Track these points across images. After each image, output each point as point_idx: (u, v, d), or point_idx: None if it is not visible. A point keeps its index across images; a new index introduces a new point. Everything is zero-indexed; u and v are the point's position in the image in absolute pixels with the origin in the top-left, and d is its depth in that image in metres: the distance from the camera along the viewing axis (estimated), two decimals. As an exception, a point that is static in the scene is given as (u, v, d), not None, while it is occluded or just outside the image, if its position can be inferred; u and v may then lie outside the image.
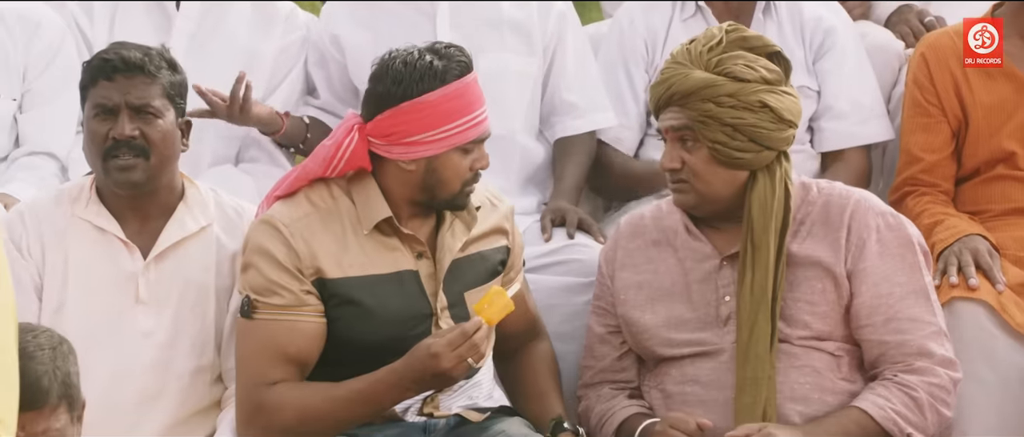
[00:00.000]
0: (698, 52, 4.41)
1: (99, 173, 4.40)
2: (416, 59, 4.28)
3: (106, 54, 4.41)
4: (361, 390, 4.28)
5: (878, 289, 4.41)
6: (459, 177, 4.32)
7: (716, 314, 4.44)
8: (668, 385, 4.46)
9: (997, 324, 4.77)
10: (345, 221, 4.34)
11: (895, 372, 4.37)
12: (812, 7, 5.46)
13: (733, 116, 4.35)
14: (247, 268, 4.33)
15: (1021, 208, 5.14)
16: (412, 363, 4.21)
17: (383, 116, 4.29)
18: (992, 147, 5.17)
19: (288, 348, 4.29)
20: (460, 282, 4.39)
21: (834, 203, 4.47)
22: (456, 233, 4.40)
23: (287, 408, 4.27)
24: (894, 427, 4.31)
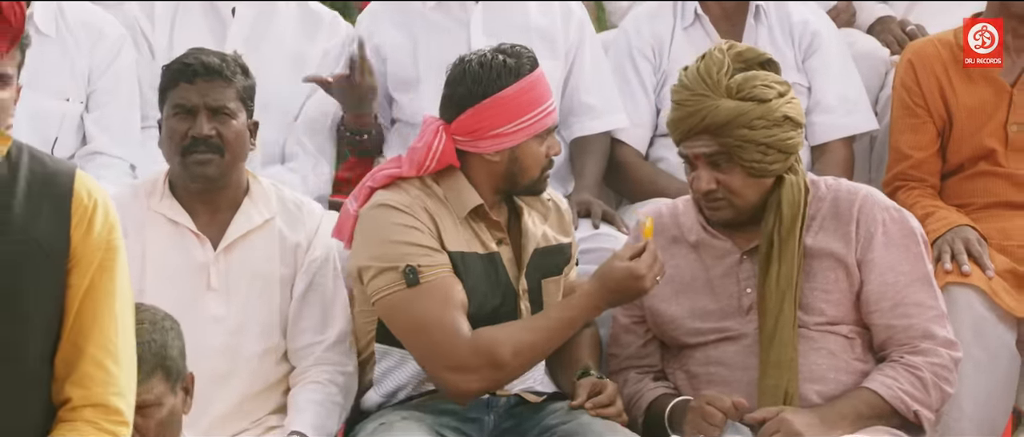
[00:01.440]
0: (715, 80, 4.38)
1: (177, 168, 4.45)
2: (490, 60, 4.35)
3: (187, 59, 4.47)
4: (560, 317, 4.35)
5: (885, 277, 4.44)
6: (538, 163, 4.40)
7: (738, 304, 4.47)
8: (692, 366, 4.50)
9: (988, 306, 4.85)
10: (441, 207, 4.39)
11: (902, 353, 4.41)
12: (799, 11, 5.50)
13: (766, 135, 4.36)
14: (380, 245, 4.32)
15: (1002, 201, 5.19)
16: (611, 284, 4.29)
17: (466, 114, 4.36)
18: (974, 145, 5.22)
19: (461, 299, 4.32)
20: (540, 270, 4.47)
21: (843, 199, 4.51)
22: (536, 222, 4.48)
23: (501, 344, 4.28)
24: (901, 405, 4.36)
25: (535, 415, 4.40)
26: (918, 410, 4.38)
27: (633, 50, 5.45)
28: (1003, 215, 5.17)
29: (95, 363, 3.12)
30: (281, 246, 4.52)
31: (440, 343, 4.30)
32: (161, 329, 3.83)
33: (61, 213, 3.13)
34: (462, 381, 4.29)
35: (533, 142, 4.38)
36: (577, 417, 4.35)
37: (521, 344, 4.30)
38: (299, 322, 4.49)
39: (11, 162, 3.13)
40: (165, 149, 4.50)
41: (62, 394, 3.13)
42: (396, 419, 4.31)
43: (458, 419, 4.36)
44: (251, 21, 5.31)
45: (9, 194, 3.11)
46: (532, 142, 4.38)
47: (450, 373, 4.29)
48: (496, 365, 4.29)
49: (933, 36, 5.39)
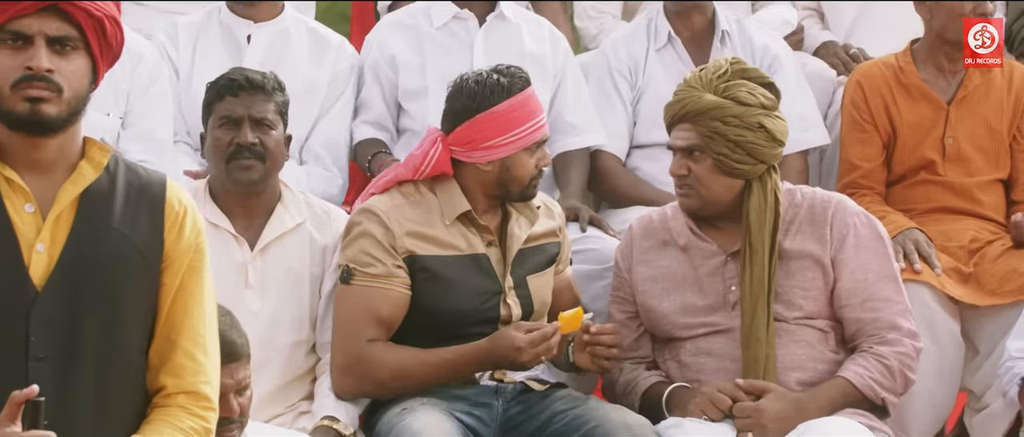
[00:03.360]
0: (709, 79, 4.51)
1: (221, 173, 4.48)
2: (485, 78, 4.44)
3: (232, 75, 4.52)
4: (448, 360, 4.40)
5: (855, 275, 4.52)
6: (528, 173, 4.46)
7: (724, 300, 4.53)
8: (683, 356, 4.56)
9: (937, 301, 4.93)
10: (432, 211, 4.45)
11: (871, 344, 4.48)
12: (759, 37, 5.55)
13: (736, 134, 4.46)
14: (348, 245, 4.43)
15: (941, 206, 5.27)
16: (496, 348, 4.34)
17: (462, 127, 4.43)
18: (916, 156, 5.29)
19: (379, 311, 4.39)
20: (524, 268, 4.51)
21: (818, 205, 4.58)
22: (522, 226, 4.52)
23: (384, 364, 4.37)
24: (871, 392, 4.44)
25: (541, 401, 4.45)
26: (885, 397, 4.46)
27: (612, 69, 5.50)
28: (943, 219, 5.25)
29: (186, 354, 3.15)
30: (311, 248, 4.55)
31: (339, 341, 4.42)
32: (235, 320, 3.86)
33: (156, 219, 3.15)
34: (339, 381, 4.41)
35: (523, 154, 4.45)
36: (585, 402, 4.41)
37: (404, 371, 4.38)
38: (326, 318, 4.53)
39: (110, 172, 3.16)
40: (210, 157, 4.53)
41: (156, 382, 3.15)
42: (416, 404, 4.35)
43: (469, 404, 4.41)
44: (265, 47, 5.31)
45: (110, 202, 3.12)
46: (522, 154, 4.44)
47: (335, 370, 4.42)
48: (373, 381, 4.39)
49: (878, 59, 5.47)
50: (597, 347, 4.42)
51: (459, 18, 5.38)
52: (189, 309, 3.17)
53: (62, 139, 3.11)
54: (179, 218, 3.17)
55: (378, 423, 4.39)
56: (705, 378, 4.49)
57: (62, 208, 3.09)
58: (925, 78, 5.33)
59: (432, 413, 4.30)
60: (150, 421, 3.13)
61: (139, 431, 3.12)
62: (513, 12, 5.43)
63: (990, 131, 5.32)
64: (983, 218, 5.30)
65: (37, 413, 2.90)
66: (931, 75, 5.34)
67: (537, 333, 4.32)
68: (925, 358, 4.80)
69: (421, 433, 4.20)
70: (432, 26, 5.38)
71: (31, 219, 3.08)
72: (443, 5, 5.39)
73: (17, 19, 3.05)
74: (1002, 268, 5.08)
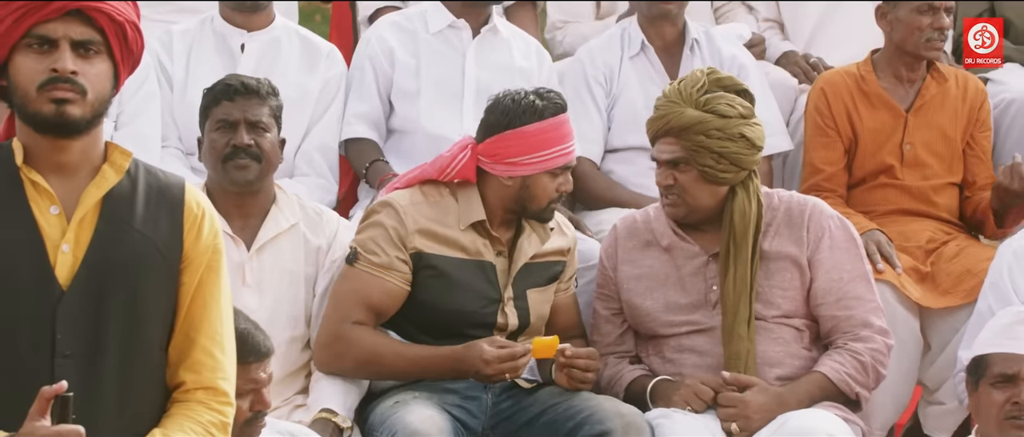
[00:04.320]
0: (688, 93, 4.47)
1: (218, 174, 4.44)
2: (521, 98, 4.40)
3: (229, 81, 4.48)
4: (422, 357, 4.38)
5: (830, 275, 4.52)
6: (547, 195, 4.42)
7: (706, 299, 4.52)
8: (667, 353, 4.55)
9: (898, 299, 4.95)
10: (448, 214, 4.42)
11: (845, 341, 4.49)
12: (727, 47, 5.55)
13: (720, 146, 4.44)
14: (362, 230, 4.41)
15: (900, 209, 5.30)
16: (465, 356, 4.32)
17: (491, 140, 4.41)
18: (876, 161, 5.31)
19: (372, 298, 4.37)
20: (526, 281, 4.49)
21: (795, 209, 4.58)
22: (532, 243, 4.49)
23: (359, 346, 4.35)
24: (846, 387, 4.45)
25: (530, 396, 4.44)
26: (859, 391, 4.47)
27: (588, 76, 5.48)
28: (901, 220, 5.27)
29: (205, 351, 3.11)
30: (305, 248, 4.52)
31: (327, 316, 4.42)
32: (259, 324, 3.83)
33: (175, 220, 3.10)
34: (318, 353, 4.41)
35: (545, 176, 4.41)
36: (576, 394, 4.39)
37: (378, 358, 4.37)
38: (321, 315, 4.48)
39: (131, 176, 3.11)
40: (207, 159, 4.49)
41: (176, 378, 3.11)
42: (409, 398, 4.32)
43: (460, 398, 4.39)
44: (258, 56, 5.27)
45: (131, 204, 3.08)
46: (544, 176, 4.41)
47: (316, 344, 4.42)
48: (348, 360, 4.38)
49: (841, 68, 5.48)
50: (573, 369, 4.39)
51: (454, 27, 5.35)
52: (207, 307, 3.13)
53: (85, 142, 3.06)
54: (198, 220, 3.13)
55: (371, 415, 4.36)
56: (688, 373, 4.48)
57: (86, 210, 3.05)
58: (885, 87, 5.35)
59: (425, 407, 4.27)
60: (170, 415, 3.10)
61: (160, 425, 3.08)
62: (504, 27, 5.42)
63: (945, 138, 5.35)
64: (939, 219, 5.32)
65: (66, 408, 2.86)
66: (890, 84, 5.36)
67: (507, 351, 4.30)
68: (887, 352, 4.87)
69: (415, 427, 4.17)
70: (428, 32, 5.34)
71: (56, 221, 3.04)
72: (439, 12, 5.36)
73: (43, 24, 3.00)
74: (957, 268, 5.11)
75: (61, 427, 2.84)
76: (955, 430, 5.11)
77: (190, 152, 5.13)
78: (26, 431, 2.84)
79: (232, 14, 5.28)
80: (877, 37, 5.43)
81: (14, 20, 2.99)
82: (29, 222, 3.01)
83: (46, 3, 2.98)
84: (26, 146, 3.05)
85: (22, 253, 3.00)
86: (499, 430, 4.39)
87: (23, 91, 3.01)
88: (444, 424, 4.23)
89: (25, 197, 3.02)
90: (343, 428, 4.30)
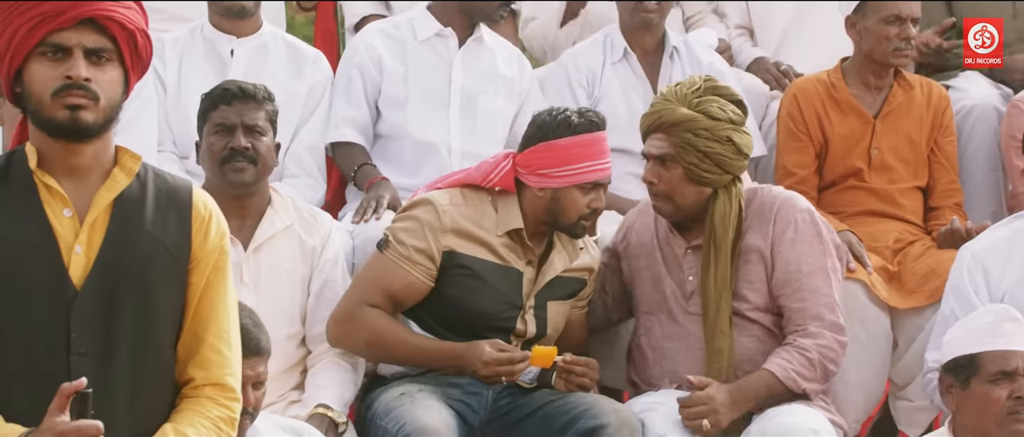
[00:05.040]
0: (683, 93, 4.51)
1: (215, 176, 4.44)
2: (557, 113, 4.44)
3: (226, 86, 4.49)
4: (424, 348, 4.40)
5: (789, 266, 4.51)
6: (577, 210, 4.43)
7: (684, 290, 4.57)
8: (652, 340, 4.60)
9: (869, 297, 4.96)
10: (486, 218, 4.43)
11: (795, 337, 4.48)
12: (705, 55, 5.58)
13: (706, 145, 4.47)
14: (399, 219, 4.44)
15: (868, 210, 5.32)
16: (466, 355, 4.35)
17: (528, 151, 4.44)
18: (845, 165, 5.34)
19: (392, 286, 4.39)
20: (548, 293, 4.50)
21: (766, 202, 4.59)
22: (561, 259, 4.50)
23: (368, 328, 4.37)
24: (793, 383, 4.43)
25: (528, 394, 4.45)
26: (806, 387, 4.46)
27: (572, 80, 5.48)
28: (869, 222, 5.29)
29: (213, 349, 3.10)
30: (300, 248, 4.52)
31: (346, 294, 4.44)
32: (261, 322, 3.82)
33: (184, 222, 3.10)
34: (331, 328, 4.43)
35: (576, 190, 4.42)
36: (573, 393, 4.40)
37: (383, 341, 4.39)
38: (316, 312, 4.50)
39: (141, 179, 3.11)
40: (206, 161, 4.49)
41: (185, 375, 3.11)
42: (414, 390, 4.34)
43: (463, 392, 4.39)
44: (247, 61, 5.26)
45: (141, 206, 3.08)
46: (574, 190, 4.41)
47: (331, 318, 4.44)
48: (355, 339, 4.40)
49: (812, 75, 5.51)
50: (571, 375, 4.41)
51: (441, 36, 5.35)
52: (215, 306, 3.12)
53: (97, 146, 3.06)
54: (205, 222, 3.13)
55: (375, 402, 4.37)
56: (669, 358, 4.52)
57: (98, 213, 3.04)
58: (854, 93, 5.38)
59: (430, 400, 4.29)
60: (180, 411, 3.09)
61: (170, 420, 3.08)
62: (489, 36, 5.43)
63: (911, 143, 5.38)
64: (905, 221, 5.35)
65: (85, 404, 2.86)
66: (859, 91, 5.39)
67: (505, 355, 4.32)
68: (859, 349, 4.87)
69: (423, 422, 4.18)
70: (416, 39, 5.35)
71: (69, 223, 3.03)
72: (426, 21, 5.36)
73: (57, 32, 3.00)
74: (922, 268, 5.13)
75: (81, 422, 2.84)
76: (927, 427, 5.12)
77: (184, 156, 5.13)
78: (47, 426, 2.85)
79: (221, 21, 5.27)
80: (844, 44, 5.46)
81: (29, 29, 2.99)
82: (43, 224, 3.01)
83: (60, 12, 2.98)
84: (39, 150, 3.04)
85: (37, 255, 3.00)
86: (496, 425, 4.40)
87: (38, 97, 3.01)
88: (450, 420, 4.25)
89: (39, 200, 3.02)
90: (338, 423, 4.30)
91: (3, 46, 3.01)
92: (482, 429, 4.41)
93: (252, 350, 3.63)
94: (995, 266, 4.72)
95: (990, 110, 5.58)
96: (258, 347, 3.69)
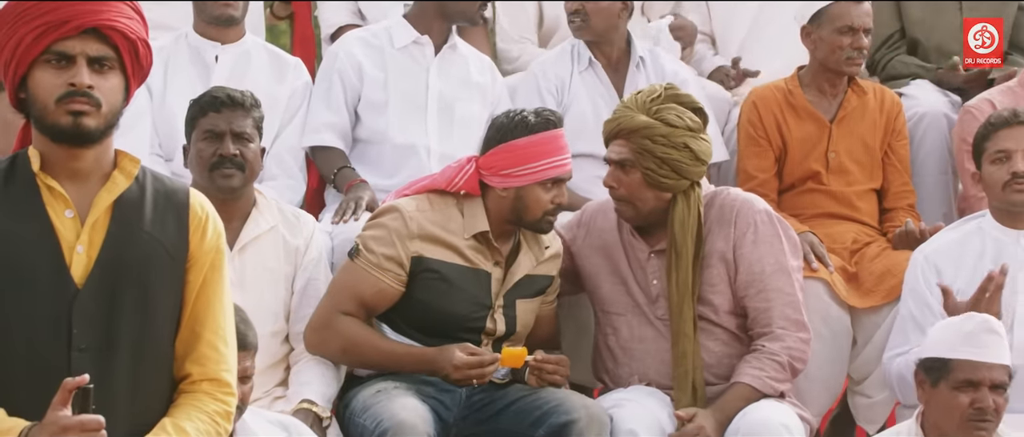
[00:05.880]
0: (643, 101, 4.53)
1: (204, 181, 4.43)
2: (516, 114, 4.45)
3: (215, 93, 4.49)
4: (397, 353, 4.41)
5: (752, 268, 4.53)
6: (540, 206, 4.43)
7: (648, 293, 4.58)
8: (621, 341, 4.60)
9: (830, 296, 4.99)
10: (452, 222, 4.44)
11: (762, 342, 4.49)
12: (670, 64, 5.61)
13: (663, 151, 4.48)
14: (368, 227, 4.44)
15: (826, 212, 5.35)
16: (437, 358, 4.35)
17: (489, 153, 4.44)
18: (804, 168, 5.38)
19: (364, 294, 4.40)
20: (516, 292, 4.50)
21: (727, 205, 4.60)
22: (528, 259, 4.51)
23: (343, 335, 4.38)
24: (770, 390, 4.46)
25: (501, 390, 4.46)
26: (782, 389, 4.49)
27: (541, 88, 5.51)
28: (828, 223, 5.33)
29: (210, 345, 3.12)
30: (285, 248, 4.52)
31: (322, 302, 4.45)
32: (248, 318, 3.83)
33: (181, 223, 3.11)
34: (308, 335, 4.43)
35: (537, 188, 4.42)
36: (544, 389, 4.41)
37: (357, 348, 4.40)
38: (299, 310, 4.51)
39: (139, 182, 3.12)
40: (194, 166, 4.49)
41: (182, 370, 3.12)
42: (390, 386, 4.34)
43: (437, 390, 4.40)
44: (230, 66, 5.26)
45: (140, 208, 3.09)
46: (536, 188, 4.42)
47: (308, 326, 4.44)
48: (331, 346, 4.41)
49: (770, 83, 5.54)
50: (542, 372, 4.43)
51: (418, 43, 5.37)
52: (211, 304, 3.14)
53: (98, 150, 3.07)
54: (202, 222, 3.15)
55: (352, 400, 4.38)
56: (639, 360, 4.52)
57: (99, 214, 3.05)
58: (810, 99, 5.42)
59: (407, 397, 4.29)
60: (178, 405, 3.10)
61: (168, 414, 3.09)
62: (463, 46, 5.45)
63: (866, 147, 5.42)
64: (861, 223, 5.39)
65: (87, 399, 2.86)
66: (815, 97, 5.44)
67: (475, 358, 4.33)
68: (821, 346, 4.90)
69: (401, 417, 4.18)
70: (393, 47, 5.36)
71: (71, 223, 3.04)
72: (404, 29, 5.38)
73: (61, 41, 3.01)
74: (878, 268, 5.17)
75: (82, 416, 2.85)
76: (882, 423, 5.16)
77: (169, 158, 5.13)
78: (50, 420, 2.86)
79: (207, 29, 5.28)
80: (800, 52, 5.50)
81: (34, 37, 3.00)
82: (46, 224, 3.02)
83: (65, 21, 2.99)
84: (42, 154, 3.05)
85: (40, 253, 3.01)
86: (470, 421, 4.41)
87: (42, 103, 3.02)
88: (427, 416, 4.25)
89: (42, 201, 3.03)
90: (323, 418, 4.31)
91: (9, 54, 3.02)
92: (456, 425, 4.41)
93: (240, 345, 3.62)
94: (948, 267, 4.76)
95: (940, 117, 5.64)
96: (245, 342, 3.70)
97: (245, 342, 3.70)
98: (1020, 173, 4.69)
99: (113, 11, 3.03)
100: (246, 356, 3.72)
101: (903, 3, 5.93)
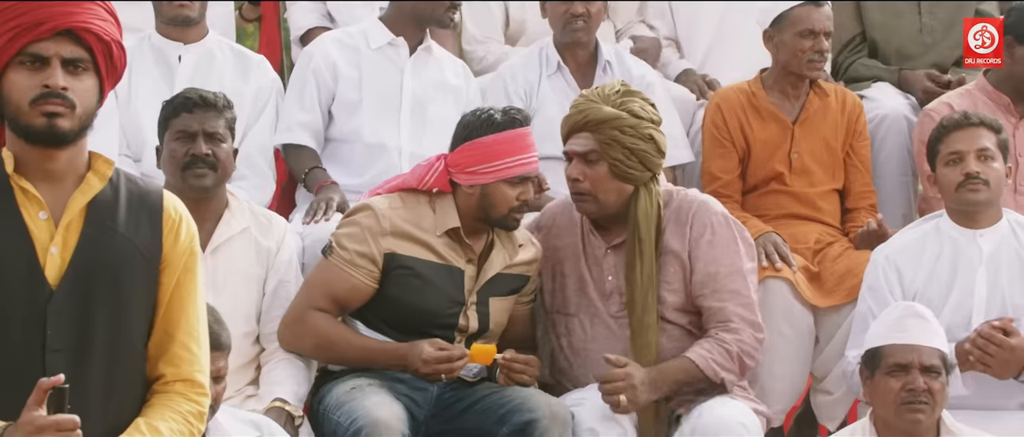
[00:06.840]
0: (606, 94, 4.50)
1: (177, 181, 4.39)
2: (482, 113, 4.42)
3: (188, 94, 4.45)
4: (369, 349, 4.38)
5: (708, 268, 4.49)
6: (506, 203, 4.40)
7: (603, 289, 4.54)
8: (574, 341, 4.57)
9: (793, 295, 4.99)
10: (424, 220, 4.41)
11: (717, 331, 4.47)
12: (636, 67, 5.59)
13: (631, 142, 4.45)
14: (342, 225, 4.42)
15: (790, 213, 5.36)
16: (408, 354, 4.33)
17: (457, 151, 4.42)
18: (767, 169, 5.38)
19: (337, 291, 4.37)
20: (489, 289, 4.48)
21: (684, 206, 4.57)
22: (501, 257, 4.48)
23: (316, 331, 4.36)
24: (712, 372, 4.42)
25: (470, 387, 4.44)
26: (724, 377, 4.45)
27: (509, 91, 5.49)
28: (792, 223, 5.33)
29: (183, 346, 3.08)
30: (256, 250, 4.50)
31: (295, 298, 4.44)
32: (222, 319, 3.79)
33: (155, 225, 3.08)
34: (281, 331, 4.41)
35: (503, 185, 4.40)
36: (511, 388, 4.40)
37: (330, 344, 4.38)
38: (271, 311, 4.48)
39: (113, 183, 3.08)
40: (167, 167, 4.45)
41: (156, 371, 3.08)
42: (364, 383, 4.32)
43: (409, 387, 4.38)
44: (194, 65, 5.22)
45: (114, 209, 3.05)
46: (502, 185, 4.40)
47: (282, 322, 4.43)
48: (304, 341, 4.39)
49: (734, 85, 5.54)
50: (511, 371, 4.41)
51: (393, 45, 5.34)
52: (184, 306, 3.10)
53: (72, 152, 3.03)
54: (176, 224, 3.11)
55: (326, 396, 4.35)
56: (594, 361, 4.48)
57: (72, 215, 3.02)
58: (773, 101, 5.42)
59: (380, 394, 4.27)
60: (151, 405, 3.07)
61: (141, 414, 3.05)
62: (437, 49, 5.43)
63: (828, 148, 5.42)
64: (823, 223, 5.39)
65: (61, 399, 2.83)
66: (778, 99, 5.44)
67: (444, 353, 4.31)
68: (785, 344, 4.93)
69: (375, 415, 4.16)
70: (369, 48, 5.33)
71: (45, 225, 3.00)
72: (379, 30, 5.35)
73: (35, 42, 2.97)
74: (841, 268, 5.17)
75: (57, 416, 2.82)
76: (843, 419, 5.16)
77: (137, 159, 5.08)
78: (25, 420, 2.82)
79: (168, 29, 5.25)
80: (763, 56, 5.50)
81: (8, 39, 2.96)
82: (19, 226, 2.98)
83: (40, 23, 2.95)
84: (16, 155, 3.01)
85: (13, 255, 2.97)
86: (440, 418, 4.39)
87: (16, 105, 2.98)
88: (401, 413, 4.22)
89: (15, 203, 2.99)
90: (295, 416, 4.28)
91: None
92: (426, 423, 4.39)
93: (213, 345, 3.58)
94: (907, 266, 4.78)
95: (901, 119, 5.66)
96: (218, 342, 3.67)
97: (218, 342, 3.67)
98: (973, 174, 4.70)
99: (87, 13, 3.00)
100: (220, 356, 3.69)
101: (863, 4, 5.93)
